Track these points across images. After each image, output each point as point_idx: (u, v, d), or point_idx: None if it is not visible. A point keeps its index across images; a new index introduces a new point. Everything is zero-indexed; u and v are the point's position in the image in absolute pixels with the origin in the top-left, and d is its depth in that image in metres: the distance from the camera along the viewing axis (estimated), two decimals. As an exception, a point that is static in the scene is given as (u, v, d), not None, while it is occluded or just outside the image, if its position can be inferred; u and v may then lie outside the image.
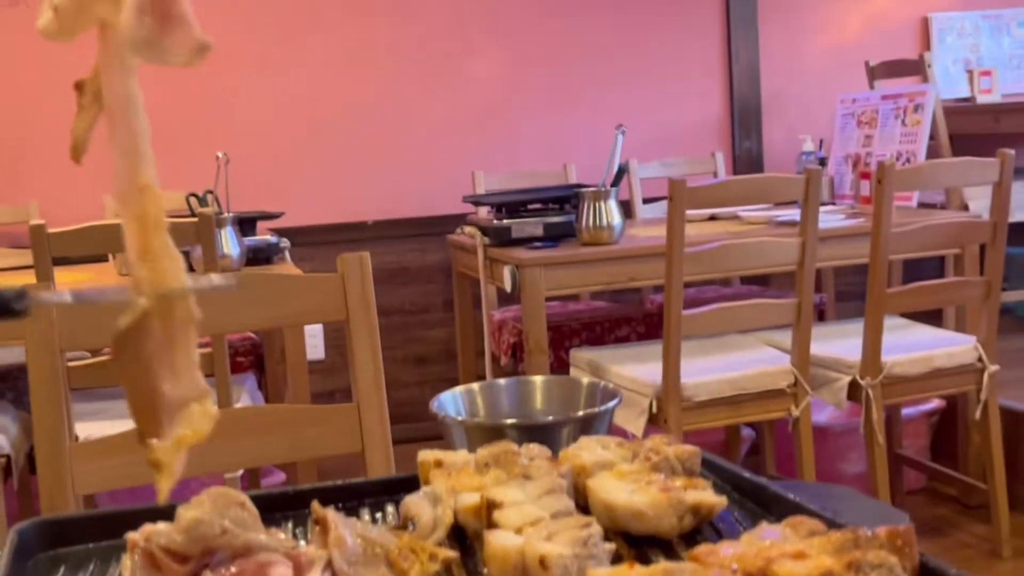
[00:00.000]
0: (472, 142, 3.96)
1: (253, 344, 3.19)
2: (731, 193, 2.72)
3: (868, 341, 2.68)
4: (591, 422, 0.98)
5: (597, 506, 0.81)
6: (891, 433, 3.19)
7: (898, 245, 2.68)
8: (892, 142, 3.24)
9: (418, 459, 0.91)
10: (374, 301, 1.60)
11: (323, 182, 3.84)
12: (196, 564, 0.74)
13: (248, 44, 3.76)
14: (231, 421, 1.58)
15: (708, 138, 4.15)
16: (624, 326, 3.38)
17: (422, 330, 3.96)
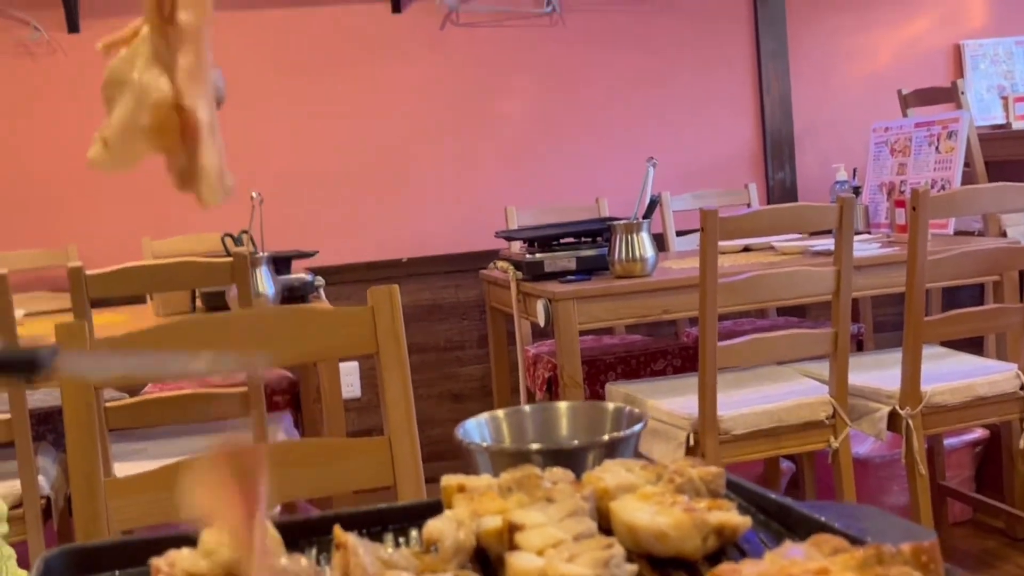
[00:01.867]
0: (505, 178, 3.98)
1: (290, 383, 3.21)
2: (763, 223, 2.71)
3: (907, 370, 2.65)
4: (616, 446, 0.98)
5: (620, 528, 0.81)
6: (934, 464, 3.14)
7: (934, 273, 2.65)
8: (926, 169, 3.22)
9: (441, 484, 0.91)
10: (404, 334, 1.61)
11: (357, 220, 3.87)
12: (218, 589, 0.74)
13: (281, 84, 3.81)
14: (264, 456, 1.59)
15: (741, 169, 4.15)
16: (660, 359, 3.37)
17: (457, 367, 3.96)
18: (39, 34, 3.65)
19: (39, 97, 3.68)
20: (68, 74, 3.68)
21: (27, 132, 3.67)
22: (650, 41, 4.10)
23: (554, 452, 0.97)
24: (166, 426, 2.86)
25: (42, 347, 0.72)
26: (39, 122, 3.67)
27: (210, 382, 3.17)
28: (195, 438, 2.80)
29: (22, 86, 3.68)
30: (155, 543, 0.80)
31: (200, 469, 0.71)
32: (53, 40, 3.67)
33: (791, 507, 0.82)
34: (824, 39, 4.24)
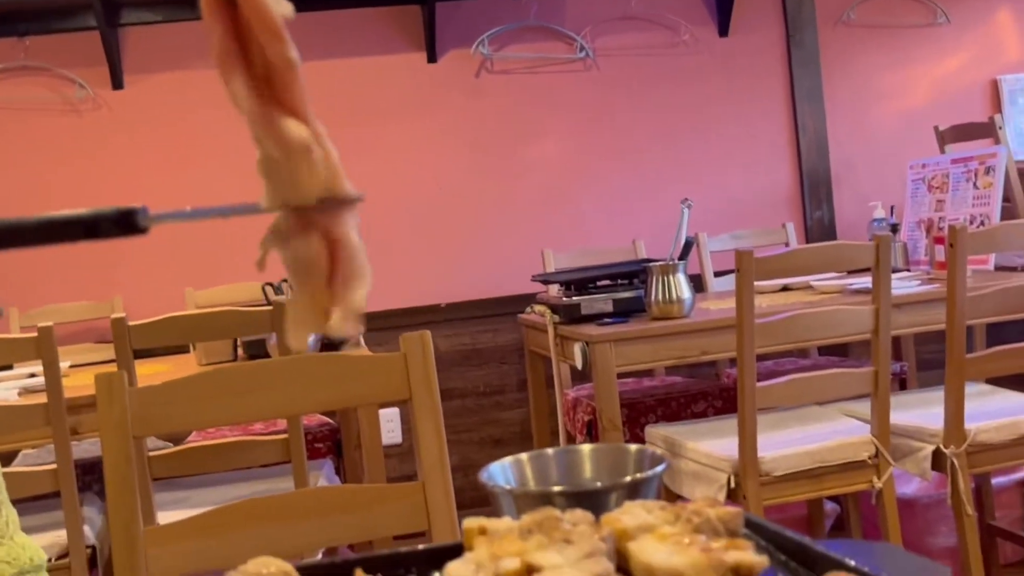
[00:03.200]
0: (541, 221, 4.01)
1: (331, 430, 3.23)
2: (799, 262, 2.70)
3: (950, 408, 2.62)
4: (638, 488, 0.98)
5: (638, 568, 0.81)
6: (982, 503, 3.09)
7: (975, 309, 2.62)
8: (964, 205, 3.20)
9: (463, 526, 0.91)
10: (436, 380, 1.63)
11: (394, 266, 3.91)
12: (240, 632, 0.75)
13: (321, 137, 3.88)
14: (296, 503, 1.61)
15: (778, 209, 4.14)
16: (700, 401, 3.35)
17: (497, 411, 3.97)
18: (85, 92, 3.75)
19: (85, 152, 3.78)
20: (113, 129, 3.77)
21: (73, 187, 3.76)
22: (684, 83, 4.12)
23: (576, 494, 0.98)
24: (209, 474, 2.90)
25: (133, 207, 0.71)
26: (84, 177, 3.76)
27: (252, 430, 3.20)
28: (238, 485, 2.83)
29: (68, 142, 3.77)
30: (180, 588, 0.82)
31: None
32: (98, 97, 3.77)
33: (808, 546, 0.82)
34: (858, 77, 4.24)
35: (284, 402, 1.64)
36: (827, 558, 0.79)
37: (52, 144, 3.76)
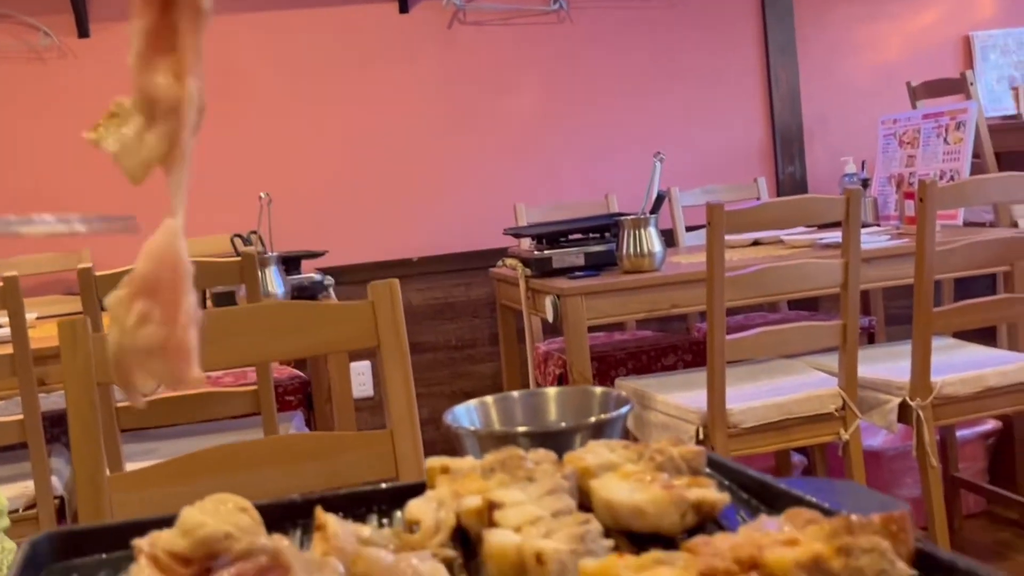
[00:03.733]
0: (513, 175, 3.99)
1: (302, 382, 3.23)
2: (770, 215, 2.70)
3: (916, 361, 2.64)
4: (603, 428, 0.98)
5: (599, 505, 0.81)
6: (946, 456, 3.13)
7: (943, 264, 2.64)
8: (935, 161, 3.21)
9: (425, 466, 0.91)
10: (404, 328, 1.62)
11: (366, 220, 3.89)
12: (199, 567, 0.75)
13: (289, 85, 3.84)
14: (264, 450, 1.61)
15: (750, 164, 4.14)
16: (670, 354, 3.37)
17: (469, 365, 3.97)
18: (49, 39, 3.69)
19: (49, 102, 3.72)
20: (78, 78, 3.71)
21: (38, 136, 3.70)
22: (658, 37, 4.10)
23: (540, 435, 0.98)
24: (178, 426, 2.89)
25: None
26: (50, 126, 3.70)
27: (222, 382, 3.19)
28: (208, 437, 2.82)
29: (33, 91, 3.71)
30: (139, 525, 0.81)
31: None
32: (63, 45, 3.71)
33: (770, 483, 0.83)
34: (832, 32, 4.23)
35: (252, 349, 1.63)
36: (788, 494, 0.79)
37: (16, 93, 3.70)
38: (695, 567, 0.64)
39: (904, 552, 0.66)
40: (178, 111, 0.75)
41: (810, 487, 0.80)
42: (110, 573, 0.82)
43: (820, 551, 0.64)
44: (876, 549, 0.65)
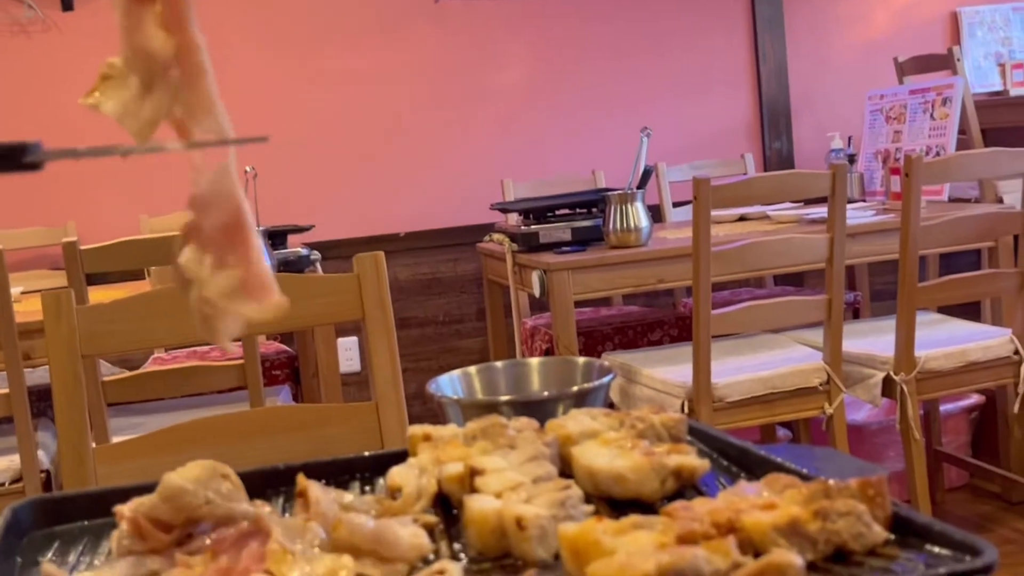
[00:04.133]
0: (501, 150, 3.98)
1: (289, 357, 3.22)
2: (756, 190, 2.71)
3: (901, 336, 2.65)
4: (585, 397, 0.99)
5: (580, 472, 0.82)
6: (930, 430, 3.15)
7: (927, 239, 2.64)
8: (921, 136, 3.21)
9: (407, 433, 0.92)
10: (390, 300, 1.62)
11: (353, 195, 3.88)
12: (180, 533, 0.75)
13: (276, 58, 3.81)
14: (249, 422, 1.61)
15: (738, 140, 4.14)
16: (657, 330, 3.37)
17: (456, 340, 3.97)
18: (33, 12, 3.65)
19: (34, 75, 3.69)
20: (63, 52, 3.68)
21: (23, 111, 3.68)
22: (646, 12, 4.08)
23: (523, 404, 0.98)
24: (165, 400, 2.89)
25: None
26: (35, 100, 3.68)
27: (208, 356, 3.19)
28: (194, 411, 2.82)
29: (17, 65, 3.68)
30: (121, 492, 0.81)
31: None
32: (48, 18, 3.68)
33: (750, 450, 0.83)
34: (820, 7, 4.22)
35: (236, 322, 1.62)
36: (767, 461, 0.80)
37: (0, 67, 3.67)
38: (673, 531, 0.64)
39: (881, 516, 0.67)
40: (182, 62, 0.75)
41: (790, 454, 0.81)
42: (92, 539, 0.82)
43: (797, 514, 0.64)
44: (853, 513, 0.65)
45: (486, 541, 0.72)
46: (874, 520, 0.66)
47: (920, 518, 0.66)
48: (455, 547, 0.76)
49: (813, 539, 0.64)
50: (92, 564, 0.78)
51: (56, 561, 0.79)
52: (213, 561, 0.71)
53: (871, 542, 0.65)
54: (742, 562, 0.61)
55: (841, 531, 0.65)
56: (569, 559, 0.65)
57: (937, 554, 0.64)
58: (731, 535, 0.64)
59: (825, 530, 0.64)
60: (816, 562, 0.64)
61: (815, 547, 0.64)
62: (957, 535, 0.64)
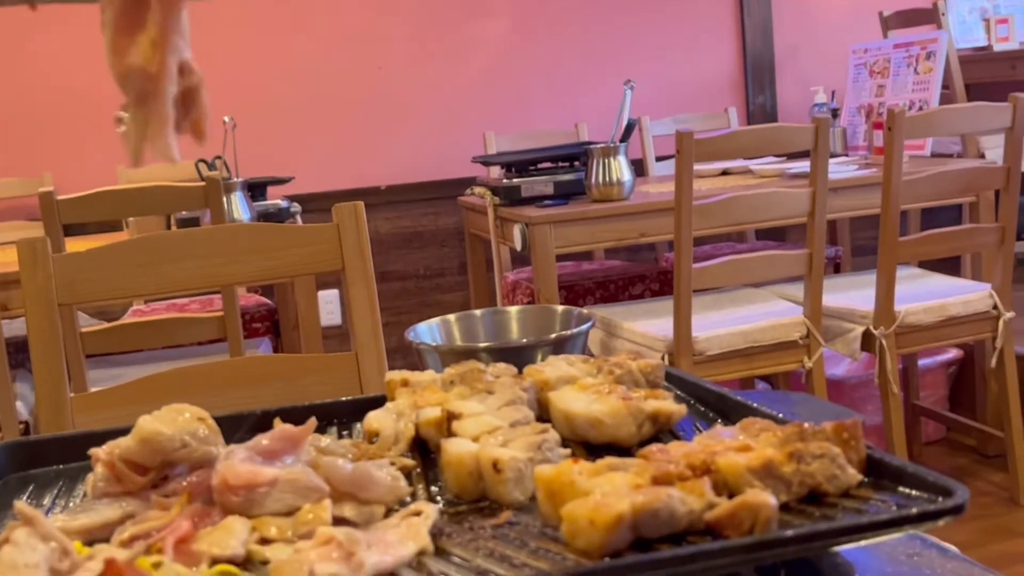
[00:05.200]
0: (483, 104, 3.95)
1: (269, 310, 3.22)
2: (739, 144, 2.70)
3: (881, 290, 2.67)
4: (563, 344, 0.98)
5: (557, 416, 0.82)
6: (908, 384, 3.18)
7: (909, 193, 2.65)
8: (904, 91, 3.20)
9: (385, 379, 0.92)
10: (369, 250, 1.61)
11: (334, 147, 3.85)
12: (156, 475, 0.75)
13: (256, 8, 3.76)
14: (228, 372, 1.60)
15: (721, 94, 4.12)
16: (638, 284, 3.38)
17: (437, 294, 3.96)
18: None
19: (11, 26, 3.63)
20: (39, 1, 3.61)
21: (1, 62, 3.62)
22: (630, -36, 4.04)
23: (501, 351, 0.98)
24: (144, 352, 2.88)
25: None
26: (13, 51, 3.62)
27: (188, 309, 3.17)
28: (174, 363, 2.81)
29: None
30: (97, 436, 0.81)
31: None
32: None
33: (727, 395, 0.84)
34: (806, -41, 4.19)
35: (215, 271, 1.61)
36: (743, 406, 0.80)
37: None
38: (648, 472, 0.64)
39: (855, 459, 0.67)
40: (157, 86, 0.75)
41: (766, 399, 0.81)
42: (68, 483, 0.82)
43: (772, 456, 0.65)
44: (827, 455, 0.66)
45: (463, 484, 0.72)
46: (848, 463, 0.66)
47: (893, 460, 0.66)
48: (432, 490, 0.76)
49: (787, 481, 0.64)
50: (67, 507, 0.77)
51: (31, 504, 0.79)
52: (189, 503, 0.71)
53: (845, 484, 0.66)
54: (716, 502, 0.61)
55: (815, 473, 0.65)
56: (544, 500, 0.65)
57: (910, 495, 0.64)
58: (706, 476, 0.64)
59: (799, 472, 0.65)
60: (790, 503, 0.64)
61: (789, 489, 0.64)
62: (930, 477, 0.64)
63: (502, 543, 0.63)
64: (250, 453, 0.75)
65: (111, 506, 0.72)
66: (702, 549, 0.56)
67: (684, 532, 0.60)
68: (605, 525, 0.58)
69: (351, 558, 0.61)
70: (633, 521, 0.59)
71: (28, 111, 3.64)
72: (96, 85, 3.62)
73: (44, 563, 0.56)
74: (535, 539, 0.63)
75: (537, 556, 0.61)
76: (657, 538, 0.60)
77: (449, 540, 0.65)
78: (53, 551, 0.58)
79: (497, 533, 0.65)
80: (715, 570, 0.58)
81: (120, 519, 0.71)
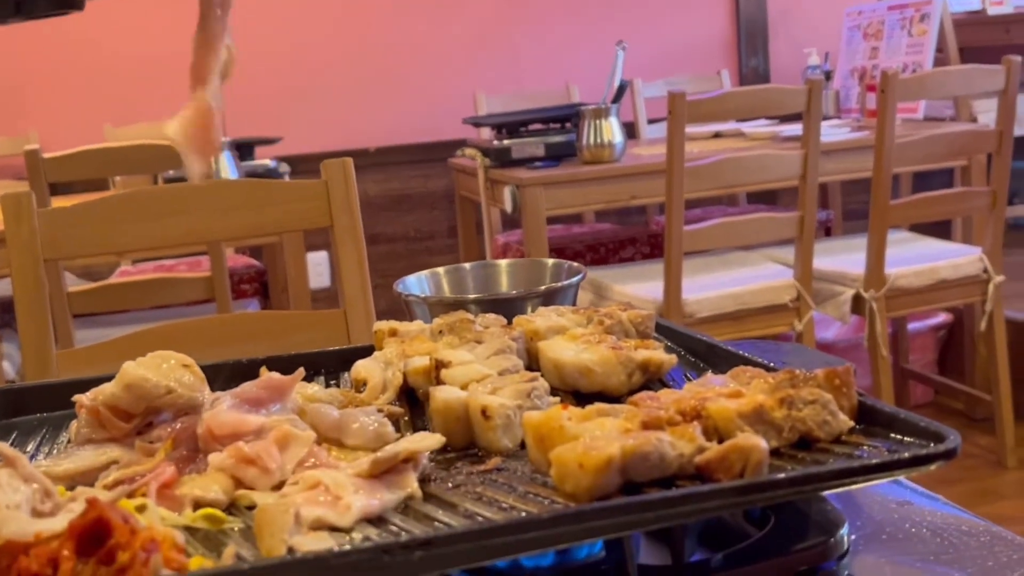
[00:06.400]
0: (474, 65, 3.92)
1: (257, 272, 3.20)
2: (731, 105, 2.68)
3: (871, 253, 2.66)
4: (553, 297, 0.98)
5: (547, 365, 0.81)
6: (898, 348, 3.18)
7: (902, 156, 2.64)
8: (898, 53, 3.19)
9: (373, 329, 0.91)
10: (358, 205, 1.60)
11: (323, 108, 3.81)
12: (140, 422, 0.74)
13: (246, -29, 3.71)
14: (216, 328, 1.59)
15: (714, 56, 4.10)
16: (629, 247, 3.37)
17: (427, 257, 3.95)
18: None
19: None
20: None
21: None
22: (623, -77, 4.00)
23: (491, 302, 0.97)
24: (132, 312, 2.86)
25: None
26: None
27: (176, 270, 3.16)
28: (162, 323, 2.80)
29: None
30: (81, 384, 0.80)
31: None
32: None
33: (717, 345, 0.83)
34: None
35: (203, 227, 1.60)
36: (734, 355, 0.80)
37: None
38: (638, 418, 0.64)
39: (846, 405, 0.67)
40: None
41: (757, 349, 0.80)
42: (51, 430, 0.81)
43: (763, 402, 0.64)
44: (818, 401, 0.65)
45: (452, 431, 0.72)
46: (839, 409, 0.66)
47: (885, 407, 0.66)
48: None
49: (778, 426, 0.64)
50: (51, 454, 0.77)
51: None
52: (174, 449, 0.70)
53: (836, 430, 0.65)
54: (707, 447, 0.60)
55: (806, 419, 0.64)
56: (533, 446, 0.65)
57: (901, 441, 0.64)
58: (696, 422, 0.63)
59: (790, 418, 0.64)
60: (781, 449, 0.64)
61: (780, 434, 0.64)
62: (921, 423, 0.64)
63: (490, 488, 0.63)
64: (236, 401, 0.75)
65: (95, 452, 0.71)
66: (692, 491, 0.56)
67: (674, 476, 0.60)
68: (594, 468, 0.57)
69: (338, 502, 0.60)
70: (622, 465, 0.58)
71: (13, 69, 3.60)
72: (82, 43, 3.59)
73: (26, 504, 0.56)
74: (524, 484, 0.63)
75: (526, 500, 0.60)
76: (647, 482, 0.59)
77: (437, 485, 0.64)
78: (35, 492, 0.57)
79: (486, 479, 0.65)
80: (705, 513, 0.58)
81: (104, 465, 0.70)
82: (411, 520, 0.59)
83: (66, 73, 3.58)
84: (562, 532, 0.53)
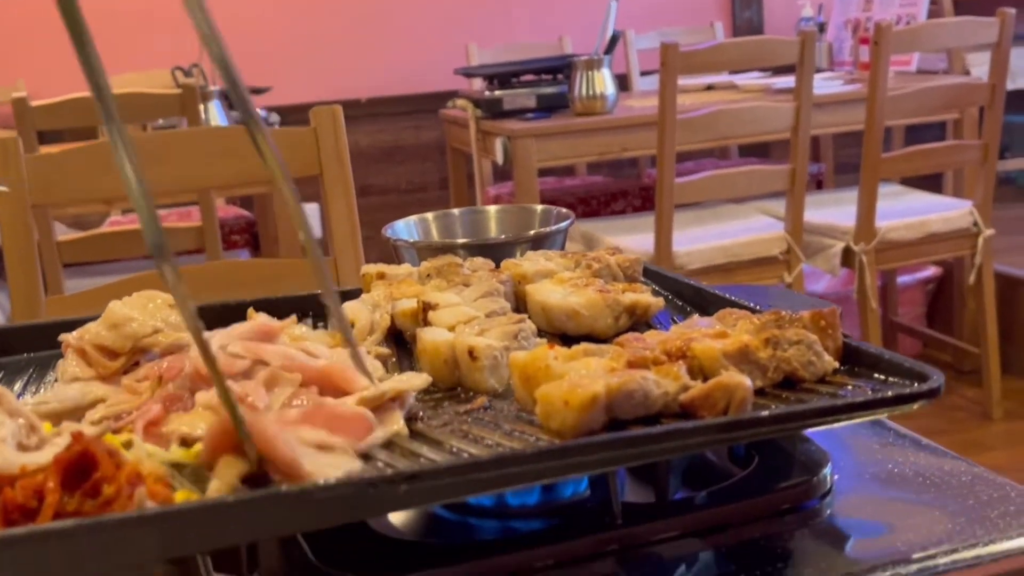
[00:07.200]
0: (466, 15, 3.88)
1: (248, 223, 3.19)
2: (724, 56, 2.67)
3: (862, 206, 2.66)
4: (542, 242, 0.97)
5: (534, 308, 0.81)
6: (887, 301, 3.19)
7: (894, 108, 2.63)
8: (892, 6, 3.17)
9: (361, 272, 0.91)
10: (347, 153, 1.60)
11: (313, 58, 3.78)
12: (127, 360, 0.74)
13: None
14: (205, 276, 1.59)
15: (707, 8, 4.07)
16: (620, 200, 3.36)
17: (418, 208, 3.90)
18: None
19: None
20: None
21: None
22: None
23: (479, 247, 0.97)
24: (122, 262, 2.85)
25: None
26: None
27: (166, 220, 3.14)
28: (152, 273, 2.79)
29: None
30: (68, 324, 0.80)
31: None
32: None
33: (704, 289, 0.83)
34: None
35: (192, 173, 1.59)
36: (721, 298, 0.80)
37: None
38: (624, 358, 0.64)
39: (832, 347, 0.67)
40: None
41: (744, 292, 0.80)
42: (38, 369, 0.81)
43: (748, 342, 0.64)
44: (804, 342, 0.65)
45: (438, 372, 0.72)
46: (824, 350, 0.66)
47: (870, 348, 0.66)
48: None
49: (763, 366, 0.64)
50: (37, 392, 0.77)
51: (2, 392, 0.78)
52: (160, 388, 0.70)
53: (821, 371, 0.65)
54: (691, 385, 0.61)
55: (791, 359, 0.65)
56: (519, 385, 0.65)
57: (885, 381, 0.64)
58: (681, 361, 0.63)
59: (775, 358, 0.64)
60: (765, 389, 0.64)
61: (765, 374, 0.64)
62: (906, 363, 0.64)
63: (476, 426, 0.63)
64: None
65: (81, 390, 0.71)
66: (675, 428, 0.56)
67: (659, 414, 0.60)
68: (580, 405, 0.57)
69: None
70: (608, 402, 0.58)
71: (1, 17, 3.55)
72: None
73: (12, 438, 0.56)
74: (509, 422, 0.63)
75: (511, 437, 0.60)
76: (632, 420, 0.60)
77: (423, 424, 0.65)
78: (21, 427, 0.57)
79: (472, 417, 0.65)
80: (688, 449, 0.58)
81: (90, 403, 0.70)
82: (397, 456, 0.60)
83: (55, 21, 3.53)
84: (546, 467, 0.54)
